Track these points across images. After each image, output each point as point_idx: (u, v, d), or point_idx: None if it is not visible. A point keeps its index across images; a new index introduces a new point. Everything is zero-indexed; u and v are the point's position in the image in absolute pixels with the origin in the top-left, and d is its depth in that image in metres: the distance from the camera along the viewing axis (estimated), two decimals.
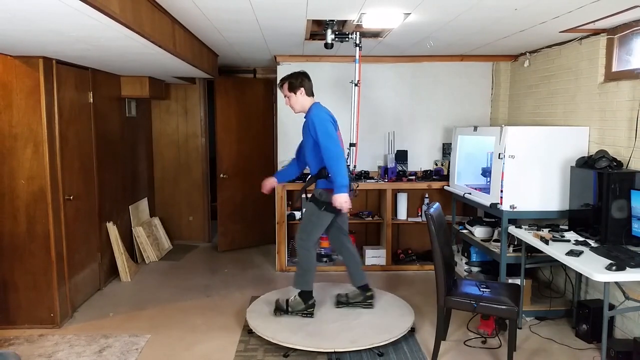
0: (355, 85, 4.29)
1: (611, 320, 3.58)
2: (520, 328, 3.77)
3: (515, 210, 3.88)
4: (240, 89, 6.07)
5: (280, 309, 3.76)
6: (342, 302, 3.93)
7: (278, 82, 3.81)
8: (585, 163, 3.59)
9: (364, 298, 3.90)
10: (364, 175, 5.39)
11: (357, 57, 4.21)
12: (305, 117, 3.74)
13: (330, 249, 5.36)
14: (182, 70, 4.70)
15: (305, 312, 3.74)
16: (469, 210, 5.46)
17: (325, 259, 5.33)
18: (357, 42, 4.08)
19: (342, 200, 3.51)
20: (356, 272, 3.94)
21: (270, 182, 4.13)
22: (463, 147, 4.96)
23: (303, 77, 3.73)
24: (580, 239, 3.40)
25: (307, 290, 3.77)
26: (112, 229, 4.87)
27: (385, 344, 3.40)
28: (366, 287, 3.93)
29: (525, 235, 3.59)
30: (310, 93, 3.75)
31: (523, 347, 3.50)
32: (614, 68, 3.72)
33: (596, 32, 3.80)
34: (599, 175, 3.34)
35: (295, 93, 3.71)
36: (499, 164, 3.93)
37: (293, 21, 3.55)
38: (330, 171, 3.56)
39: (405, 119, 5.57)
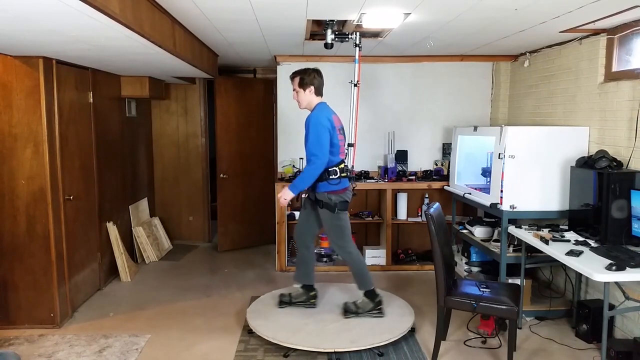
0: (355, 85, 4.28)
1: (611, 320, 3.58)
2: (520, 328, 3.77)
3: (515, 210, 3.88)
4: (240, 89, 6.07)
5: (350, 311, 3.73)
6: (285, 302, 3.92)
7: (290, 73, 3.80)
8: (585, 163, 3.59)
9: (307, 298, 3.93)
10: (364, 175, 5.39)
11: (357, 57, 4.21)
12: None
13: (331, 249, 5.36)
14: (182, 70, 4.70)
15: (375, 310, 3.72)
16: (469, 210, 5.46)
17: (325, 259, 5.33)
18: (357, 42, 4.07)
19: (285, 196, 3.60)
20: (307, 272, 3.96)
21: None
22: (463, 147, 4.96)
23: (316, 75, 3.72)
24: (580, 239, 3.40)
25: (371, 289, 3.76)
26: (112, 229, 4.87)
27: (385, 344, 3.40)
28: (311, 287, 3.96)
29: (525, 235, 3.59)
30: (319, 92, 3.74)
31: (523, 347, 3.50)
32: (614, 68, 3.72)
33: (596, 32, 3.80)
34: (599, 175, 3.34)
35: (304, 90, 3.69)
36: (499, 164, 3.93)
37: (293, 21, 3.55)
38: (302, 171, 3.59)
39: (405, 119, 5.57)
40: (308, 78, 3.69)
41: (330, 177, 3.64)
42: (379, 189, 5.37)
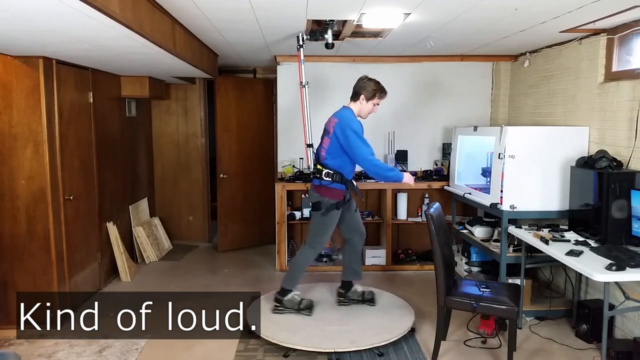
0: (304, 86, 4.31)
1: (611, 320, 3.57)
2: (520, 328, 3.77)
3: (515, 210, 3.88)
4: (240, 89, 6.07)
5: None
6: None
7: (380, 91, 3.73)
8: (585, 163, 3.59)
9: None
10: (364, 175, 5.39)
11: (301, 58, 4.21)
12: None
13: (330, 249, 5.38)
14: (182, 70, 4.70)
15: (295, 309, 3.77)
16: (469, 210, 5.46)
17: (325, 259, 5.33)
18: (301, 43, 4.04)
19: (407, 180, 3.66)
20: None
21: None
22: (463, 147, 4.96)
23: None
24: (580, 239, 3.40)
25: (288, 290, 3.79)
26: (112, 229, 4.86)
27: (385, 344, 3.40)
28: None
29: (525, 235, 3.59)
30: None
31: (523, 347, 3.50)
32: (614, 68, 3.72)
33: (596, 32, 3.80)
34: (599, 175, 3.34)
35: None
36: (499, 164, 3.93)
37: (293, 21, 3.55)
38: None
39: (405, 119, 5.56)
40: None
41: (326, 177, 3.66)
42: (379, 189, 5.37)
